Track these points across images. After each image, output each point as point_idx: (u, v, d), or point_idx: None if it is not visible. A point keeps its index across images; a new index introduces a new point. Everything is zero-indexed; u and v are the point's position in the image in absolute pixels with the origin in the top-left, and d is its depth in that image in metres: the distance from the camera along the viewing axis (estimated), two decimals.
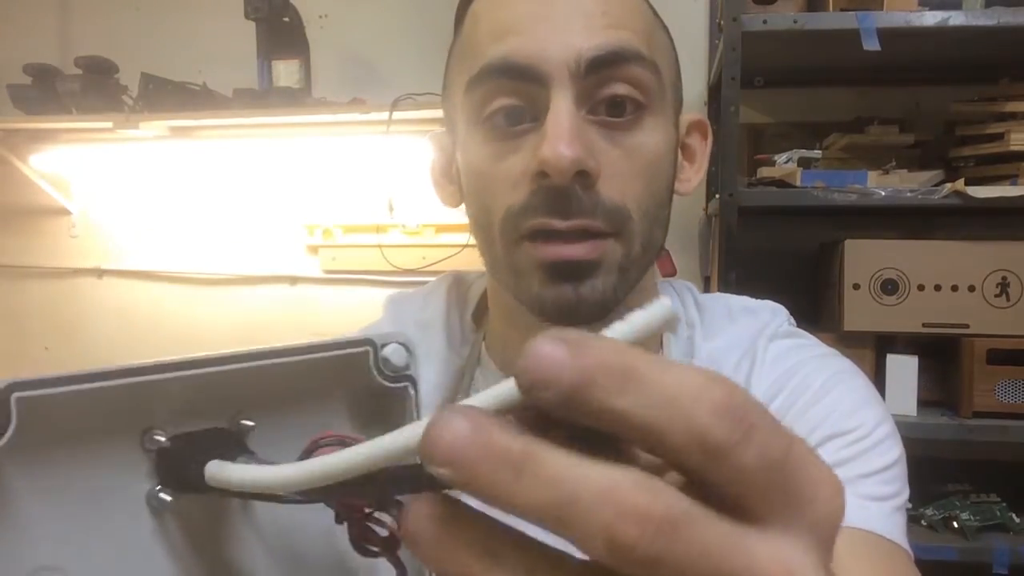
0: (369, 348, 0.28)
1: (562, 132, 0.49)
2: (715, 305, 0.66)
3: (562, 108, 0.50)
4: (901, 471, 0.56)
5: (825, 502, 0.19)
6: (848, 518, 0.53)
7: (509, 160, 0.53)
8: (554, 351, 0.18)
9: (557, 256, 0.52)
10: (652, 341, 0.62)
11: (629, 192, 0.53)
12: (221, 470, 0.25)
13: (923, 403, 1.49)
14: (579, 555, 0.18)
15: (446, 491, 0.19)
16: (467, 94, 0.55)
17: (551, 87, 0.51)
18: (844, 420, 0.56)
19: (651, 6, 0.60)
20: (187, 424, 0.26)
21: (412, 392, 0.31)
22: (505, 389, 0.19)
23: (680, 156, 0.61)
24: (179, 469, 0.26)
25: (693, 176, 0.63)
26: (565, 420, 0.18)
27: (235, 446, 0.27)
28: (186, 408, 0.26)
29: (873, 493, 0.54)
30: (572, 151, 0.49)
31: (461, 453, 0.17)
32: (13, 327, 2.30)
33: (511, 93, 0.53)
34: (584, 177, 0.51)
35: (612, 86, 0.52)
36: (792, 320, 0.67)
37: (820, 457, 0.19)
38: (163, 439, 0.26)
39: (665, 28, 0.60)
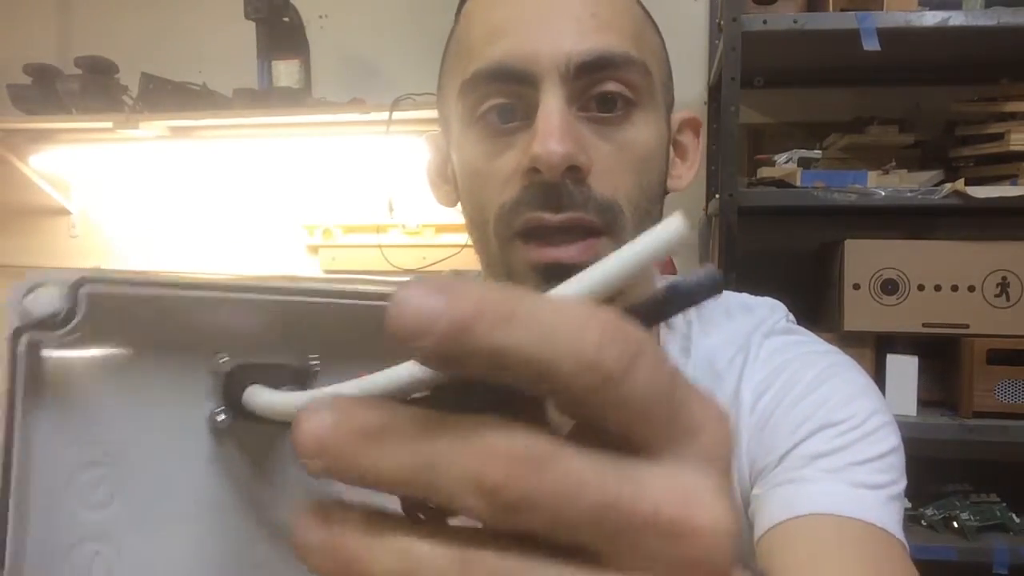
0: None
1: (552, 129, 0.50)
2: (713, 302, 0.65)
3: (552, 106, 0.51)
4: (897, 461, 0.56)
5: (713, 430, 0.19)
6: (840, 506, 0.53)
7: (502, 158, 0.54)
8: (427, 295, 0.17)
9: (551, 259, 0.53)
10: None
11: (620, 187, 0.54)
12: (252, 395, 0.25)
13: (923, 403, 1.49)
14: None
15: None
16: (460, 96, 0.56)
17: (541, 88, 0.52)
18: (836, 411, 0.56)
19: (642, 5, 0.61)
20: (255, 353, 0.26)
21: None
22: (401, 370, 0.19)
23: (672, 153, 0.62)
24: (239, 396, 0.25)
25: (686, 173, 0.64)
26: (475, 393, 0.18)
27: (294, 384, 0.26)
28: (256, 336, 0.26)
29: (865, 481, 0.54)
30: (563, 147, 0.50)
31: (324, 443, 0.17)
32: None
33: (503, 94, 0.54)
34: (575, 172, 0.52)
35: (602, 85, 0.53)
36: (791, 317, 0.67)
37: (700, 388, 0.19)
38: (228, 364, 0.25)
39: (655, 26, 0.61)
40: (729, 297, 0.68)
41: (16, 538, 0.23)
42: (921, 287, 1.46)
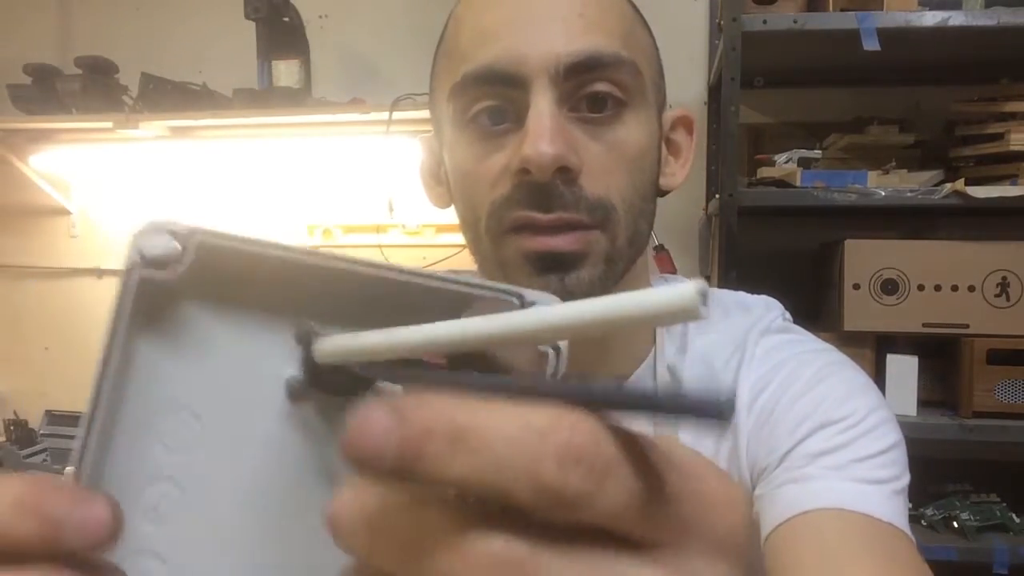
0: (516, 299, 0.28)
1: (543, 130, 0.51)
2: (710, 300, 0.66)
3: (543, 107, 0.52)
4: (899, 456, 0.56)
5: (721, 519, 0.18)
6: (844, 501, 0.54)
7: (492, 158, 0.54)
8: (375, 423, 0.17)
9: (543, 247, 0.53)
10: (646, 337, 0.64)
11: (612, 186, 0.54)
12: (324, 343, 0.26)
13: (923, 403, 1.49)
14: None
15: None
16: (451, 99, 0.56)
17: (531, 90, 0.52)
18: (835, 409, 0.56)
19: (632, 4, 0.60)
20: (342, 325, 0.26)
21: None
22: (439, 329, 0.20)
23: (665, 151, 0.62)
24: (319, 366, 0.26)
25: (679, 171, 0.64)
26: None
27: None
28: (345, 309, 0.27)
29: (869, 477, 0.54)
30: (553, 148, 0.50)
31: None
32: (12, 327, 2.30)
33: (493, 96, 0.54)
34: (566, 173, 0.52)
35: (592, 85, 0.53)
36: (787, 315, 0.68)
37: (707, 468, 0.19)
38: (315, 331, 0.26)
39: (646, 24, 0.61)
40: (725, 295, 0.68)
41: (95, 462, 0.25)
42: (921, 287, 1.46)
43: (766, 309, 0.66)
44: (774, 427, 0.57)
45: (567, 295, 0.51)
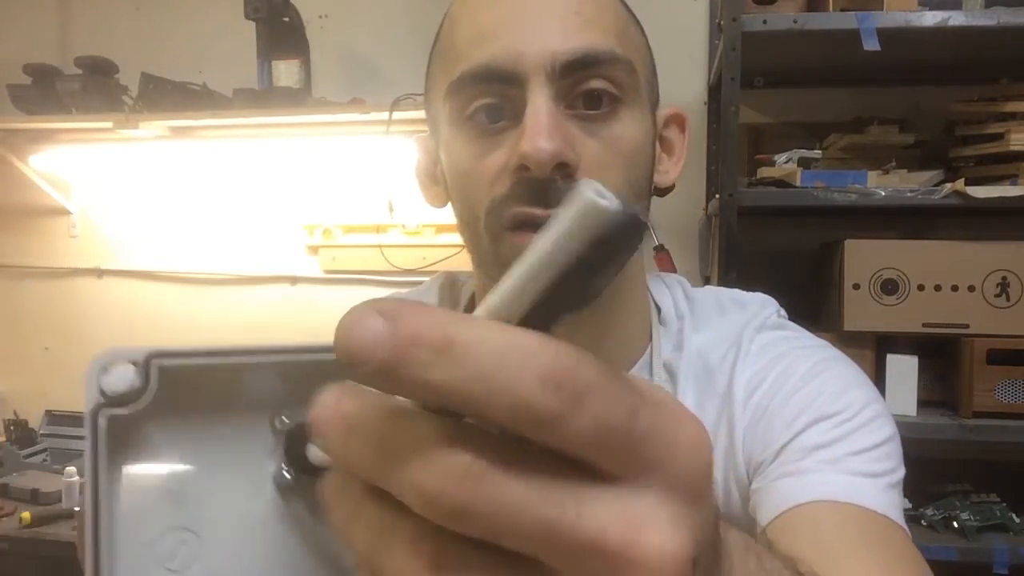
0: None
1: (541, 127, 0.51)
2: (706, 298, 0.67)
3: (540, 104, 0.52)
4: (894, 449, 0.57)
5: (683, 460, 0.19)
6: (839, 494, 0.54)
7: (490, 156, 0.55)
8: (368, 324, 0.18)
9: None
10: (643, 335, 0.64)
11: (609, 182, 0.52)
12: (317, 449, 0.26)
13: (923, 403, 1.49)
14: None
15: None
16: (448, 98, 0.57)
17: (528, 87, 0.53)
18: (830, 403, 0.57)
19: (624, 3, 0.61)
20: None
21: None
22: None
23: (659, 148, 0.62)
24: (302, 452, 0.27)
25: (672, 168, 0.64)
26: None
27: None
28: (307, 392, 0.27)
29: (864, 470, 0.54)
30: (551, 144, 0.51)
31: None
32: (13, 327, 2.30)
33: (490, 94, 0.54)
34: (564, 169, 0.52)
35: (588, 83, 0.54)
36: (783, 312, 0.68)
37: (679, 411, 0.19)
38: (289, 422, 0.27)
39: (638, 23, 0.61)
40: (721, 292, 0.69)
41: None
42: (921, 287, 1.46)
43: (761, 306, 0.66)
44: (770, 422, 0.58)
45: None
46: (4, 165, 2.13)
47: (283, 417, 0.27)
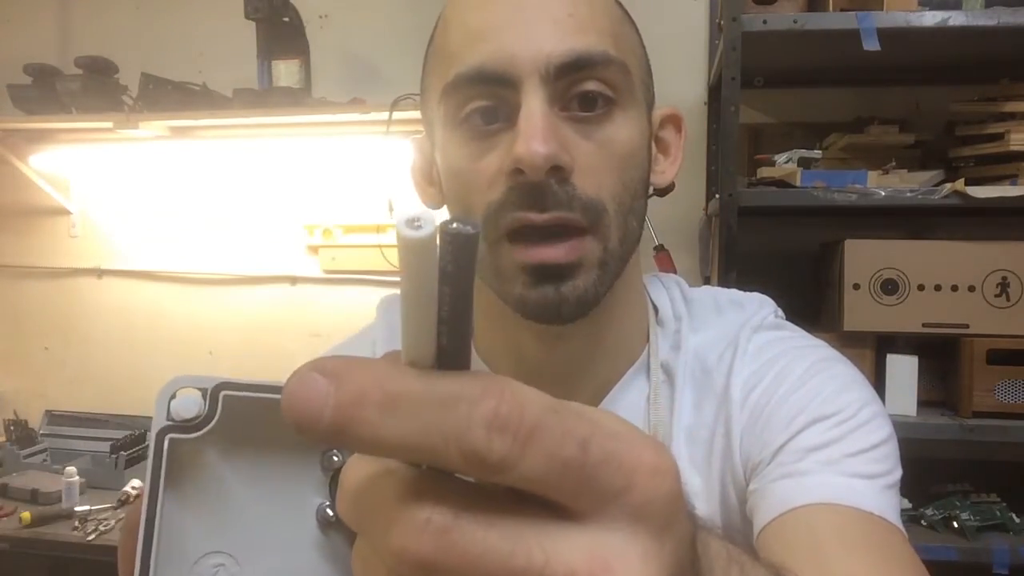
0: None
1: (535, 130, 0.51)
2: (703, 298, 0.67)
3: (535, 107, 0.52)
4: (891, 450, 0.57)
5: (644, 487, 0.19)
6: (836, 496, 0.54)
7: (485, 159, 0.54)
8: (313, 385, 0.18)
9: (538, 259, 0.53)
10: (640, 336, 0.64)
11: (604, 185, 0.54)
12: None
13: (923, 403, 1.49)
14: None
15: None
16: (443, 100, 0.57)
17: (522, 90, 0.53)
18: (827, 404, 0.57)
19: (620, 4, 0.61)
20: None
21: None
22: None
23: (655, 149, 0.62)
24: None
25: (668, 168, 0.64)
26: None
27: None
28: None
29: (861, 471, 0.54)
30: (546, 147, 0.50)
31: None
32: (13, 327, 2.30)
33: (485, 96, 0.54)
34: (559, 172, 0.52)
35: (582, 84, 0.54)
36: (780, 312, 0.68)
37: (635, 438, 0.19)
38: (338, 460, 0.28)
39: (633, 24, 0.61)
40: (719, 293, 0.68)
41: None
42: (921, 287, 1.46)
43: (759, 306, 0.66)
44: (767, 422, 0.58)
45: (563, 302, 0.53)
46: (4, 165, 2.13)
47: (333, 456, 0.28)
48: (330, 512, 0.28)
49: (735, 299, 0.67)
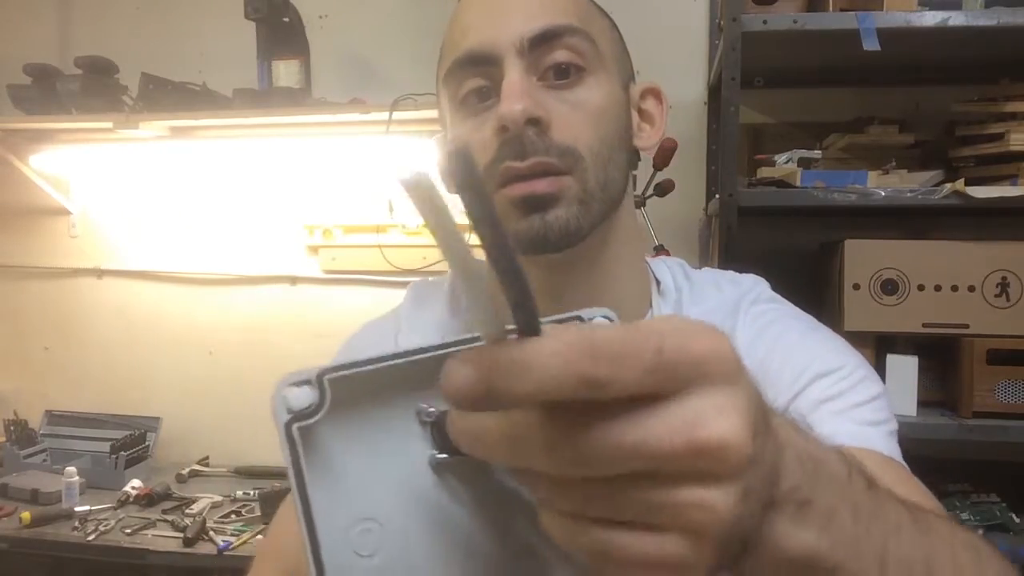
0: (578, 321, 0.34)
1: (512, 91, 0.60)
2: (703, 276, 0.74)
3: (513, 75, 0.61)
4: (886, 404, 0.63)
5: (710, 358, 0.26)
6: (853, 441, 0.59)
7: (482, 129, 0.63)
8: (459, 372, 0.26)
9: (523, 191, 0.62)
10: (642, 303, 0.71)
11: (580, 136, 0.62)
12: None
13: (923, 403, 1.49)
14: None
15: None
16: (444, 86, 0.67)
17: (504, 65, 0.62)
18: (828, 361, 0.62)
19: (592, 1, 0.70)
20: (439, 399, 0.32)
21: None
22: None
23: (638, 118, 0.71)
24: (447, 436, 0.31)
25: (653, 134, 0.72)
26: None
27: None
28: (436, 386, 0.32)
29: (869, 419, 0.59)
30: (521, 103, 0.60)
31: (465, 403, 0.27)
32: (13, 327, 2.30)
33: (477, 76, 0.64)
34: (536, 124, 0.61)
35: (554, 55, 0.63)
36: (772, 291, 0.75)
37: (690, 328, 0.26)
38: (433, 412, 0.33)
39: (604, 14, 0.70)
40: (717, 272, 0.75)
41: None
42: (921, 287, 1.46)
43: (755, 283, 0.73)
44: (776, 379, 0.61)
45: (548, 230, 0.61)
46: (4, 165, 2.13)
47: (426, 408, 0.33)
48: (440, 457, 0.32)
49: (733, 278, 0.74)
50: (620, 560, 0.27)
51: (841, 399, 0.60)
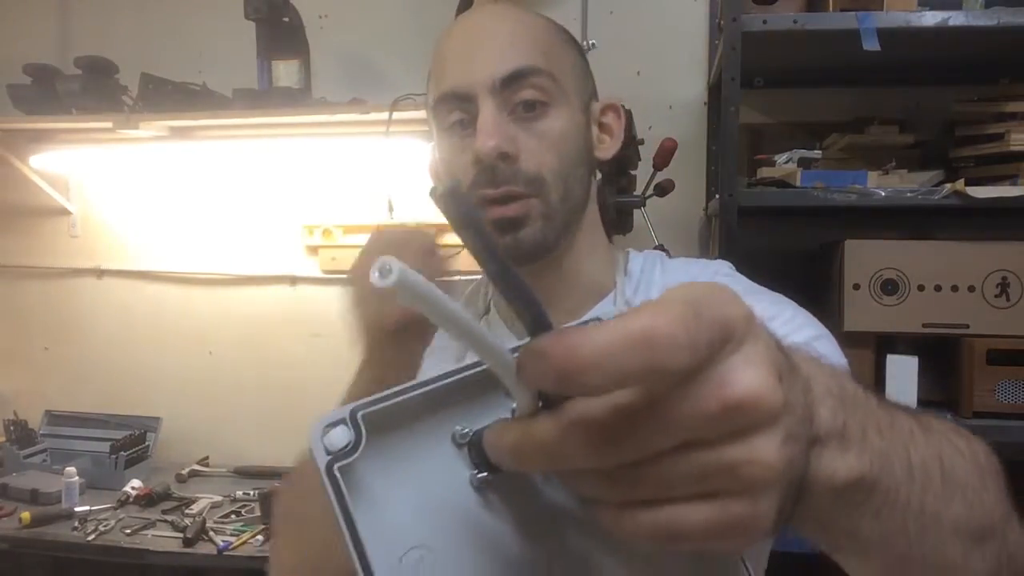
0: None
1: (485, 129, 0.70)
2: (676, 262, 0.84)
3: (486, 113, 0.71)
4: (833, 344, 0.69)
5: (736, 320, 0.27)
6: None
7: (463, 155, 0.74)
8: (537, 362, 0.26)
9: (497, 215, 0.72)
10: (605, 283, 0.80)
11: (544, 163, 0.72)
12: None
13: (923, 403, 1.48)
14: None
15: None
16: (433, 114, 0.77)
17: (479, 102, 0.72)
18: (766, 310, 0.66)
19: (557, 28, 0.79)
20: (482, 415, 0.33)
21: None
22: None
23: (598, 132, 0.80)
24: (484, 455, 0.32)
25: (612, 145, 0.81)
26: None
27: None
28: (478, 401, 0.33)
29: (822, 351, 0.62)
30: (493, 140, 0.70)
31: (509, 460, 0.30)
32: (13, 327, 2.30)
33: (457, 110, 0.74)
34: (506, 157, 0.71)
35: (521, 93, 0.72)
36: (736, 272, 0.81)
37: (713, 298, 0.27)
38: (468, 433, 0.33)
39: (570, 40, 0.79)
40: (688, 260, 0.85)
41: None
42: (921, 287, 1.46)
43: (720, 265, 0.82)
44: None
45: (520, 246, 0.72)
46: (4, 165, 2.13)
47: (461, 430, 0.33)
48: (480, 476, 0.32)
49: (701, 262, 0.85)
50: (689, 534, 0.27)
51: (792, 337, 0.62)
